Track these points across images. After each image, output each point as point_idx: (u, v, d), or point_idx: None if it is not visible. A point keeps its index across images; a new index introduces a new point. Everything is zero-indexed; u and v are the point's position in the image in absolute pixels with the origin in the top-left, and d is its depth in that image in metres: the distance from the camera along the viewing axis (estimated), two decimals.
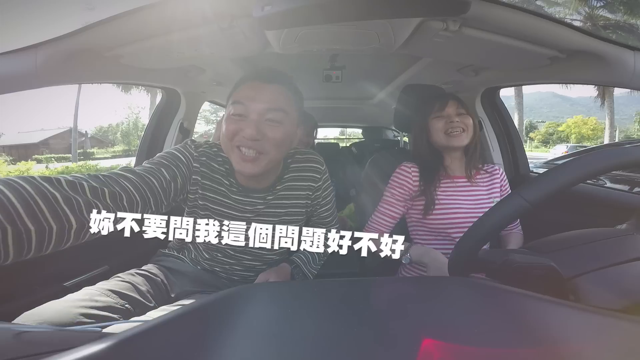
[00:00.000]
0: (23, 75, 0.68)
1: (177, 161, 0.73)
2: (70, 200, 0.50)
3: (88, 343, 0.29)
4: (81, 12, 0.74)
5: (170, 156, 0.73)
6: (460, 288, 0.43)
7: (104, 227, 0.50)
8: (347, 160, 2.54)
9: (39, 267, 0.92)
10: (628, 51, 0.74)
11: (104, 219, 0.50)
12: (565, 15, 11.08)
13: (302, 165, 0.84)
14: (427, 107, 0.90)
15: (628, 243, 0.49)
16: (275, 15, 0.58)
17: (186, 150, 0.76)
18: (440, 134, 0.88)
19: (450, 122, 0.86)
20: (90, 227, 0.51)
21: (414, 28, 0.84)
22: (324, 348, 0.30)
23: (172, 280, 0.84)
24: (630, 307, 0.40)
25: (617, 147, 2.04)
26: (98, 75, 0.91)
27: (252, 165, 0.71)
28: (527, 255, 0.47)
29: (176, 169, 0.71)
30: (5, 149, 29.11)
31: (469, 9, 0.60)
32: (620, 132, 30.68)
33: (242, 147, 0.70)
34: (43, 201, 0.47)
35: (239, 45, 0.94)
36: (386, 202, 0.94)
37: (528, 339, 0.31)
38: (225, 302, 0.40)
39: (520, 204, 0.46)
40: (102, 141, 37.59)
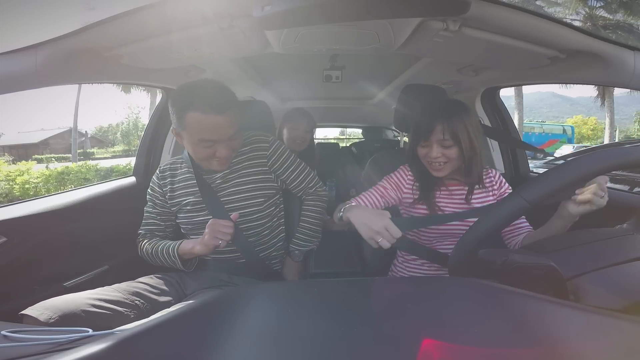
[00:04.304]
0: (23, 75, 0.68)
1: (154, 197, 0.98)
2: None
3: (89, 343, 0.29)
4: (81, 12, 0.74)
5: (149, 198, 0.99)
6: (460, 288, 0.43)
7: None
8: (347, 160, 2.54)
9: (39, 267, 0.92)
10: (628, 51, 0.74)
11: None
12: (565, 15, 11.08)
13: (251, 140, 0.99)
14: (415, 133, 0.87)
15: (628, 243, 0.49)
16: (275, 15, 0.58)
17: (154, 184, 0.99)
18: (425, 161, 0.87)
19: (431, 156, 0.84)
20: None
21: (414, 28, 0.84)
22: (324, 348, 0.30)
23: (186, 279, 0.91)
24: (630, 307, 0.40)
25: (618, 147, 2.03)
26: (98, 75, 0.91)
27: (223, 166, 0.91)
28: (527, 255, 0.47)
29: (157, 200, 0.98)
30: (5, 149, 29.11)
31: (469, 9, 0.60)
32: (620, 132, 30.63)
33: (215, 161, 0.87)
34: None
35: (239, 45, 0.94)
36: (377, 190, 0.93)
37: (528, 339, 0.31)
38: (226, 302, 0.40)
39: (520, 204, 0.47)
40: (102, 141, 37.57)
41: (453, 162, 0.84)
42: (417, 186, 0.91)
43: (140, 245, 0.95)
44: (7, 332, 0.36)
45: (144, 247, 0.94)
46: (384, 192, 0.91)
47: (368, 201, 0.90)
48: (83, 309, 0.66)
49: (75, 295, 0.70)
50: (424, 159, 0.87)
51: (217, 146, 0.83)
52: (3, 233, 0.83)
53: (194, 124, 0.80)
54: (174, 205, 0.96)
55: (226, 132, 0.82)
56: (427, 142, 0.84)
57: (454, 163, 0.84)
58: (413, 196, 0.91)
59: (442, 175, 0.87)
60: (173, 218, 0.99)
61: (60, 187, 6.98)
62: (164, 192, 0.97)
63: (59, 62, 0.72)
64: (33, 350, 0.34)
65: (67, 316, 0.63)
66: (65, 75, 0.78)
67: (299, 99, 2.43)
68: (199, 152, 0.85)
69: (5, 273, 0.84)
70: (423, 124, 0.84)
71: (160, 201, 0.98)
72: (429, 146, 0.84)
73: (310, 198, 1.08)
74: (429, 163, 0.86)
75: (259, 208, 0.94)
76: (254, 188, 0.94)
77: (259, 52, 1.03)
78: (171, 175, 0.98)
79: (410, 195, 0.92)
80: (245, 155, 0.97)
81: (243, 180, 0.94)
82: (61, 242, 0.97)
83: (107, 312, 0.70)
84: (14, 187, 6.53)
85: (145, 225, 0.99)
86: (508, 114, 1.50)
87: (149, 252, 0.92)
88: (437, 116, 0.81)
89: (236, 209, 0.91)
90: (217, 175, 0.94)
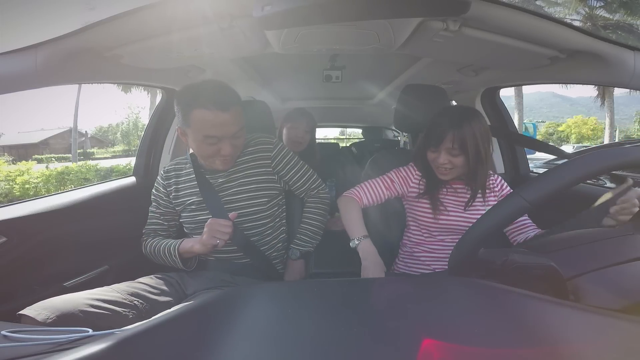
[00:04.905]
0: (23, 75, 0.68)
1: (158, 198, 1.00)
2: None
3: (89, 343, 0.29)
4: (81, 12, 0.73)
5: (154, 198, 1.01)
6: (460, 288, 0.43)
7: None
8: (347, 160, 2.54)
9: (39, 267, 0.92)
10: (628, 51, 0.74)
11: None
12: (565, 15, 11.07)
13: (256, 142, 1.00)
14: (426, 138, 0.91)
15: (628, 243, 0.49)
16: (275, 15, 0.58)
17: (158, 184, 1.01)
18: (432, 164, 0.91)
19: (438, 162, 0.88)
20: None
21: (414, 28, 0.84)
22: (324, 348, 0.30)
23: (186, 279, 0.92)
24: (630, 307, 0.40)
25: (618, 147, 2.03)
26: (98, 75, 0.91)
27: (226, 165, 0.92)
28: (527, 255, 0.46)
29: (161, 200, 0.99)
30: (5, 149, 29.12)
31: (469, 9, 0.60)
32: (620, 132, 30.63)
33: (219, 159, 0.88)
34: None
35: (239, 45, 0.94)
36: (383, 180, 0.96)
37: (528, 339, 0.31)
38: (226, 302, 0.40)
39: (520, 204, 0.46)
40: (102, 141, 37.59)
41: (459, 169, 0.88)
42: (423, 182, 0.95)
43: (144, 244, 0.98)
44: (7, 332, 0.36)
45: (147, 245, 0.96)
46: (390, 184, 0.95)
47: (373, 191, 0.94)
48: (81, 309, 0.66)
49: (74, 296, 0.70)
50: (432, 163, 0.91)
51: (221, 143, 0.84)
52: (3, 233, 0.83)
53: (199, 120, 0.81)
54: (178, 205, 0.98)
55: (230, 129, 0.84)
56: (436, 149, 0.88)
57: (460, 170, 0.88)
58: (418, 191, 0.95)
59: (447, 179, 0.91)
60: (177, 218, 1.01)
61: (60, 187, 6.98)
62: (168, 192, 0.99)
63: (59, 62, 0.72)
64: (33, 350, 0.34)
65: (65, 316, 0.63)
66: (65, 75, 0.78)
67: (299, 99, 2.43)
68: (203, 150, 0.86)
69: (5, 273, 0.84)
70: (435, 131, 0.87)
71: (165, 201, 0.99)
72: (437, 152, 0.88)
73: (312, 200, 1.09)
74: (436, 167, 0.90)
75: (262, 208, 0.95)
76: (257, 188, 0.95)
77: (259, 52, 1.03)
78: (176, 175, 0.99)
79: (416, 189, 0.96)
80: (249, 155, 0.98)
81: (247, 180, 0.95)
82: (61, 242, 0.97)
83: (106, 312, 0.70)
84: (14, 187, 6.53)
85: (150, 224, 1.01)
86: (508, 114, 1.50)
87: (152, 251, 0.94)
88: (449, 125, 0.84)
89: (239, 209, 0.92)
90: (221, 175, 0.95)
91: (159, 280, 0.87)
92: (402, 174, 0.97)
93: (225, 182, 0.94)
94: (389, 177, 0.96)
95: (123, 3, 0.69)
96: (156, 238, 0.98)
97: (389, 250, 1.05)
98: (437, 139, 0.86)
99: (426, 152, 0.91)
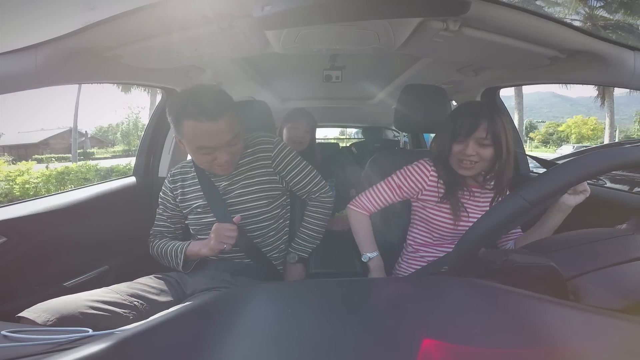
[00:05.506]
0: (23, 75, 0.68)
1: (165, 201, 1.01)
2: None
3: (89, 343, 0.29)
4: (81, 12, 0.73)
5: (161, 201, 1.02)
6: (460, 288, 0.43)
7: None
8: (347, 160, 2.54)
9: (39, 267, 0.92)
10: (628, 51, 0.74)
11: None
12: (565, 15, 11.07)
13: (255, 142, 0.98)
14: (456, 126, 0.84)
15: (628, 243, 0.49)
16: (275, 15, 0.58)
17: (165, 187, 1.02)
18: (454, 158, 0.87)
19: (465, 153, 0.83)
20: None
21: (414, 28, 0.84)
22: (324, 348, 0.30)
23: (186, 279, 0.92)
24: (630, 307, 0.40)
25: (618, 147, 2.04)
26: (98, 75, 0.91)
27: (226, 171, 0.91)
28: (527, 255, 0.46)
29: (168, 204, 1.01)
30: (5, 149, 29.12)
31: (469, 9, 0.60)
32: (620, 132, 30.64)
33: (217, 167, 0.87)
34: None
35: (239, 45, 0.94)
36: (389, 186, 0.93)
37: (528, 339, 0.31)
38: (226, 302, 0.40)
39: (520, 204, 0.46)
40: (102, 141, 37.60)
41: (484, 163, 0.84)
42: (441, 184, 0.90)
43: (151, 245, 1.00)
44: (7, 332, 0.36)
45: (154, 247, 0.98)
46: (399, 191, 0.93)
47: (380, 199, 0.94)
48: (81, 311, 0.66)
49: (73, 297, 0.70)
50: (456, 156, 0.86)
51: (216, 152, 0.83)
52: (3, 233, 0.83)
53: (190, 132, 0.79)
54: (185, 208, 0.99)
55: (223, 138, 0.82)
56: (465, 139, 0.83)
57: (484, 164, 0.85)
58: (438, 194, 0.90)
59: (470, 174, 0.87)
60: (183, 220, 1.03)
61: (60, 187, 6.99)
62: (174, 196, 0.99)
63: (59, 62, 0.72)
64: (33, 350, 0.34)
65: (64, 318, 0.63)
66: (65, 75, 0.78)
67: (299, 99, 2.43)
68: (199, 159, 0.86)
69: (5, 273, 0.84)
70: (464, 121, 0.83)
71: (172, 205, 1.00)
72: (465, 142, 0.84)
73: (313, 204, 1.07)
74: (459, 160, 0.86)
75: (264, 209, 0.95)
76: (259, 189, 0.95)
77: (259, 52, 1.03)
78: (182, 179, 1.00)
79: (435, 192, 0.91)
80: (250, 156, 0.97)
81: (248, 182, 0.95)
82: (61, 242, 0.97)
83: (105, 313, 0.69)
84: (14, 187, 6.53)
85: (157, 226, 1.03)
86: (508, 114, 1.50)
87: (158, 252, 0.96)
88: (482, 115, 0.82)
89: (242, 211, 0.92)
90: (224, 178, 0.95)
91: (159, 281, 0.87)
92: (412, 176, 0.92)
93: (228, 185, 0.94)
94: (395, 183, 0.92)
95: (123, 3, 0.69)
96: (163, 240, 0.99)
97: (389, 250, 1.05)
98: (469, 128, 0.82)
99: (451, 144, 0.86)
